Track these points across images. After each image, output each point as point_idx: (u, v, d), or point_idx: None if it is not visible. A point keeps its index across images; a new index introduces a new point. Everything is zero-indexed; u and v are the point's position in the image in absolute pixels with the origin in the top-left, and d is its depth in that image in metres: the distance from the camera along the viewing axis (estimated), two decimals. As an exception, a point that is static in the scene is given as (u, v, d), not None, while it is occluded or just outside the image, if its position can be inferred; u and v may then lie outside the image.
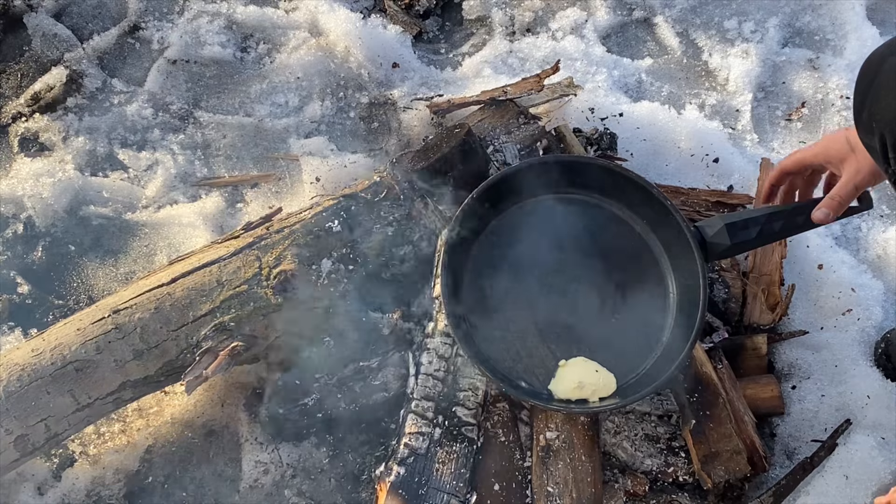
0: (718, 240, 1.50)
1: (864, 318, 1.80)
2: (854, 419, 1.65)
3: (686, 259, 1.55)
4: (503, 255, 1.63)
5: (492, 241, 1.64)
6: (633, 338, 1.58)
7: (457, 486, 1.48)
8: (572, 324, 1.59)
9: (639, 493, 1.58)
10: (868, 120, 1.14)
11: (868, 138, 1.16)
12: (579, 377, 1.52)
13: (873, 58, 1.14)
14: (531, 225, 1.65)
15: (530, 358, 1.56)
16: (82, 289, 1.88)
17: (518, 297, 1.60)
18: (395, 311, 1.70)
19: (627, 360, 1.56)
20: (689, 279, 1.55)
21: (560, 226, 1.65)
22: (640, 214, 1.65)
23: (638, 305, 1.60)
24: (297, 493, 1.60)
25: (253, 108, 2.16)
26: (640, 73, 2.26)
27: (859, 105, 1.16)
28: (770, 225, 1.47)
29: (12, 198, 1.95)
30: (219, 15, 2.28)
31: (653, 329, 1.59)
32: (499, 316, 1.59)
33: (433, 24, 2.37)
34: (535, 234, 1.64)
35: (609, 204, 1.67)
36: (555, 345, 1.57)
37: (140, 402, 1.66)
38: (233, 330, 1.55)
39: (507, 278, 1.61)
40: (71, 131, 2.09)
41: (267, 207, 1.93)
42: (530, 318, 1.59)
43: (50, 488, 1.59)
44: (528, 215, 1.66)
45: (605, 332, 1.58)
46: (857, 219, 2.03)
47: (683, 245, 1.55)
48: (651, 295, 1.61)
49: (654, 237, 1.64)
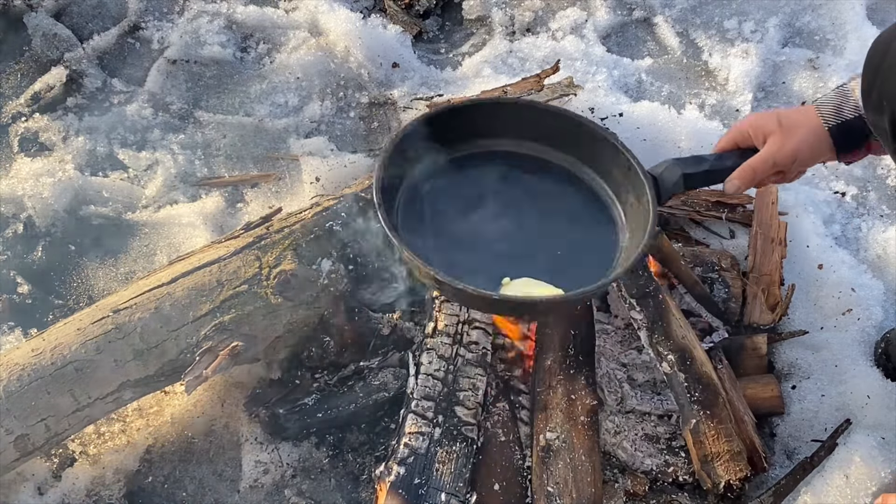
0: (669, 174, 1.47)
1: (864, 318, 1.80)
2: (854, 419, 1.65)
3: (636, 195, 1.52)
4: (444, 190, 1.58)
5: (433, 176, 1.59)
6: (582, 267, 1.53)
7: (457, 486, 1.48)
8: (517, 254, 1.54)
9: (639, 493, 1.58)
10: (878, 99, 1.15)
11: (877, 118, 1.17)
12: (525, 290, 1.46)
13: (882, 39, 1.15)
14: (475, 167, 1.62)
15: (470, 278, 1.43)
16: (82, 289, 1.88)
17: (458, 226, 1.55)
18: (395, 311, 1.70)
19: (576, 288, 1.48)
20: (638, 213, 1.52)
21: (503, 168, 1.63)
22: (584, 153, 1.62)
23: (587, 239, 1.57)
24: (297, 493, 1.60)
25: (253, 108, 2.16)
26: (640, 72, 2.26)
27: (868, 86, 1.17)
28: (721, 161, 1.45)
29: (12, 198, 1.95)
30: (219, 15, 2.28)
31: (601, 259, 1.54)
32: (436, 238, 1.52)
33: (433, 24, 2.37)
34: (478, 175, 1.61)
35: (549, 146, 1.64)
36: (498, 268, 1.50)
37: (140, 402, 1.66)
38: (233, 330, 1.55)
39: (447, 210, 1.57)
40: (71, 131, 2.09)
41: (267, 207, 1.93)
42: (471, 244, 1.53)
43: (50, 488, 1.59)
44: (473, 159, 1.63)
45: (552, 260, 1.54)
46: (856, 219, 2.03)
47: (633, 181, 1.52)
48: (600, 228, 1.58)
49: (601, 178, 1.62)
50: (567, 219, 1.61)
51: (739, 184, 1.41)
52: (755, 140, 1.40)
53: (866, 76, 1.17)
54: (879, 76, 1.14)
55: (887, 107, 1.13)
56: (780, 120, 1.36)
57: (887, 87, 1.13)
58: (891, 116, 1.13)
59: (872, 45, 1.16)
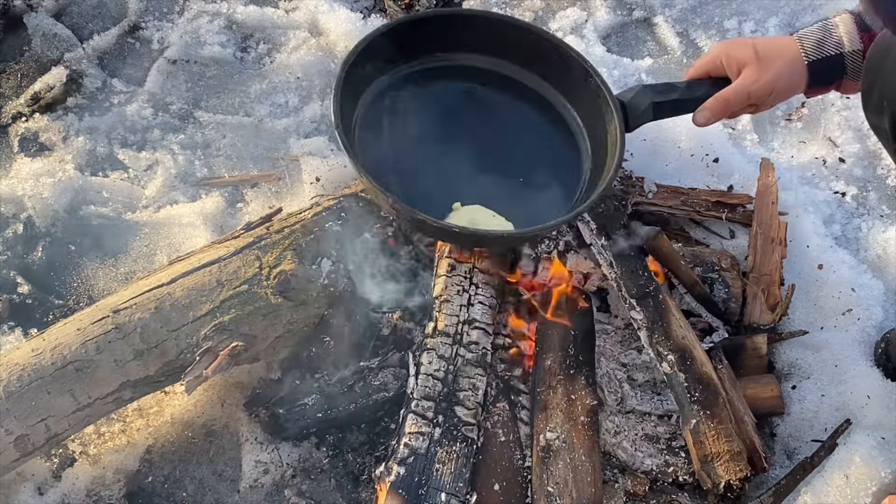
0: (638, 101, 1.43)
1: (864, 318, 1.80)
2: (854, 419, 1.65)
3: (599, 120, 1.48)
4: (404, 108, 1.55)
5: (393, 91, 1.56)
6: (541, 200, 1.51)
7: (457, 486, 1.48)
8: (475, 179, 1.50)
9: (639, 493, 1.58)
10: (878, 100, 1.14)
11: (877, 119, 1.17)
12: (472, 218, 1.42)
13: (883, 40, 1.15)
14: (437, 84, 1.58)
15: (424, 200, 1.41)
16: (82, 289, 1.88)
17: (416, 147, 1.51)
18: (395, 311, 1.70)
19: (530, 219, 1.47)
20: (604, 141, 1.48)
21: (468, 88, 1.59)
22: (547, 76, 1.58)
23: (548, 166, 1.53)
24: (297, 493, 1.60)
25: (253, 108, 2.16)
26: (640, 72, 2.26)
27: (869, 86, 1.16)
28: (691, 90, 1.40)
29: (12, 198, 1.95)
30: (219, 15, 2.28)
31: (564, 193, 1.52)
32: (394, 159, 1.50)
33: (433, 24, 2.37)
34: (439, 93, 1.58)
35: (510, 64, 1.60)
36: (452, 193, 1.47)
37: (140, 402, 1.66)
38: (233, 330, 1.55)
39: (407, 129, 1.53)
40: (71, 131, 2.09)
41: (267, 207, 1.93)
42: (428, 168, 1.50)
43: (50, 488, 1.59)
44: (434, 75, 1.59)
45: (511, 191, 1.50)
46: (856, 219, 2.03)
47: (601, 108, 1.48)
48: (562, 155, 1.54)
49: (564, 98, 1.58)
50: (530, 142, 1.55)
51: (710, 115, 1.35)
52: (728, 69, 1.34)
53: (866, 78, 1.17)
54: (880, 77, 1.14)
55: (888, 107, 1.13)
56: (757, 50, 1.30)
57: (888, 87, 1.12)
58: (891, 117, 1.13)
59: (873, 46, 1.16)
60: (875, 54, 1.16)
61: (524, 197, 1.49)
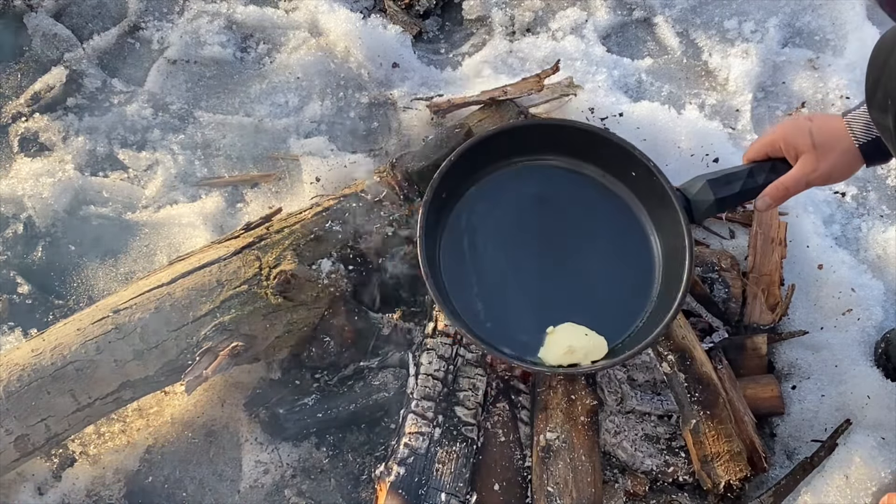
0: (702, 197, 1.49)
1: (864, 318, 1.80)
2: (854, 419, 1.65)
3: (671, 220, 1.53)
4: (483, 222, 1.60)
5: (472, 206, 1.61)
6: (621, 301, 1.56)
7: (457, 486, 1.48)
8: (557, 289, 1.56)
9: (639, 493, 1.58)
10: (883, 99, 1.14)
11: (882, 117, 1.17)
12: (569, 341, 1.48)
13: (887, 37, 1.15)
14: (512, 190, 1.62)
15: (516, 325, 1.52)
16: (82, 289, 1.88)
17: (499, 263, 1.57)
18: (395, 311, 1.70)
19: (616, 323, 1.54)
20: (675, 240, 1.53)
21: (541, 191, 1.63)
22: (621, 178, 1.63)
23: (624, 268, 1.58)
24: (297, 493, 1.60)
25: (253, 108, 2.16)
26: (640, 73, 2.26)
27: (873, 84, 1.16)
28: (752, 178, 1.46)
29: (12, 198, 1.95)
30: (219, 15, 2.28)
31: (640, 291, 1.57)
32: (479, 282, 1.55)
33: (433, 24, 2.37)
34: (515, 200, 1.62)
35: (590, 169, 1.64)
36: (540, 311, 1.53)
37: (140, 402, 1.66)
38: (233, 330, 1.55)
39: (488, 244, 1.58)
40: (71, 131, 2.09)
41: (267, 207, 1.93)
42: (513, 284, 1.56)
43: (50, 488, 1.59)
44: (508, 181, 1.63)
45: (592, 297, 1.55)
46: (856, 219, 2.03)
47: (667, 207, 1.53)
48: (636, 258, 1.59)
49: (637, 200, 1.62)
50: (605, 241, 1.61)
51: (771, 201, 1.42)
52: (787, 154, 1.41)
53: (870, 75, 1.17)
54: (884, 74, 1.14)
55: (892, 105, 1.13)
56: (814, 138, 1.36)
57: (892, 85, 1.12)
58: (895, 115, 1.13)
59: (877, 43, 1.16)
60: (879, 52, 1.15)
61: (603, 301, 1.56)
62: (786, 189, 1.40)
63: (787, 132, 1.40)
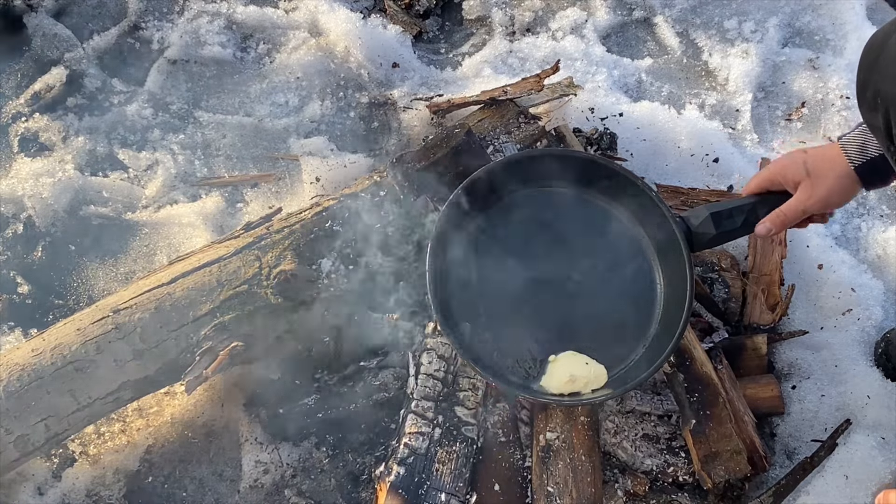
0: (704, 229, 1.51)
1: (864, 318, 1.80)
2: (854, 419, 1.65)
3: (672, 250, 1.55)
4: (489, 251, 1.62)
5: (478, 236, 1.63)
6: (622, 329, 1.58)
7: (457, 486, 1.48)
8: (560, 317, 1.58)
9: (639, 493, 1.58)
10: (872, 97, 1.15)
11: (871, 116, 1.17)
12: (570, 371, 1.51)
13: (877, 36, 1.15)
14: (516, 220, 1.64)
15: (519, 352, 1.55)
16: (82, 289, 1.88)
17: (504, 292, 1.59)
18: (395, 311, 1.70)
19: (617, 352, 1.56)
20: (676, 269, 1.55)
21: (545, 220, 1.64)
22: (624, 206, 1.65)
23: (625, 297, 1.60)
24: (297, 493, 1.60)
25: (253, 108, 2.16)
26: (640, 73, 2.26)
27: (863, 83, 1.17)
28: (755, 213, 1.47)
29: (12, 198, 1.95)
30: (219, 15, 2.28)
31: (641, 320, 1.59)
32: (485, 311, 1.58)
33: (433, 24, 2.37)
34: (520, 229, 1.64)
35: (594, 197, 1.66)
36: (543, 339, 1.56)
37: (140, 402, 1.66)
38: (233, 330, 1.55)
39: (494, 273, 1.60)
40: (71, 131, 2.09)
41: (267, 207, 1.93)
42: (517, 312, 1.58)
43: (50, 488, 1.59)
44: (513, 210, 1.65)
45: (594, 324, 1.57)
46: (856, 219, 2.03)
47: (669, 236, 1.55)
48: (638, 286, 1.61)
49: (640, 229, 1.64)
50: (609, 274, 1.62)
51: (771, 227, 1.44)
52: (785, 185, 1.43)
53: (861, 74, 1.17)
54: (874, 74, 1.14)
55: (881, 105, 1.13)
56: (808, 168, 1.38)
57: (882, 84, 1.12)
58: (885, 114, 1.13)
59: (868, 42, 1.16)
60: (868, 52, 1.16)
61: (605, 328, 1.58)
62: (785, 216, 1.43)
63: (783, 166, 1.43)
